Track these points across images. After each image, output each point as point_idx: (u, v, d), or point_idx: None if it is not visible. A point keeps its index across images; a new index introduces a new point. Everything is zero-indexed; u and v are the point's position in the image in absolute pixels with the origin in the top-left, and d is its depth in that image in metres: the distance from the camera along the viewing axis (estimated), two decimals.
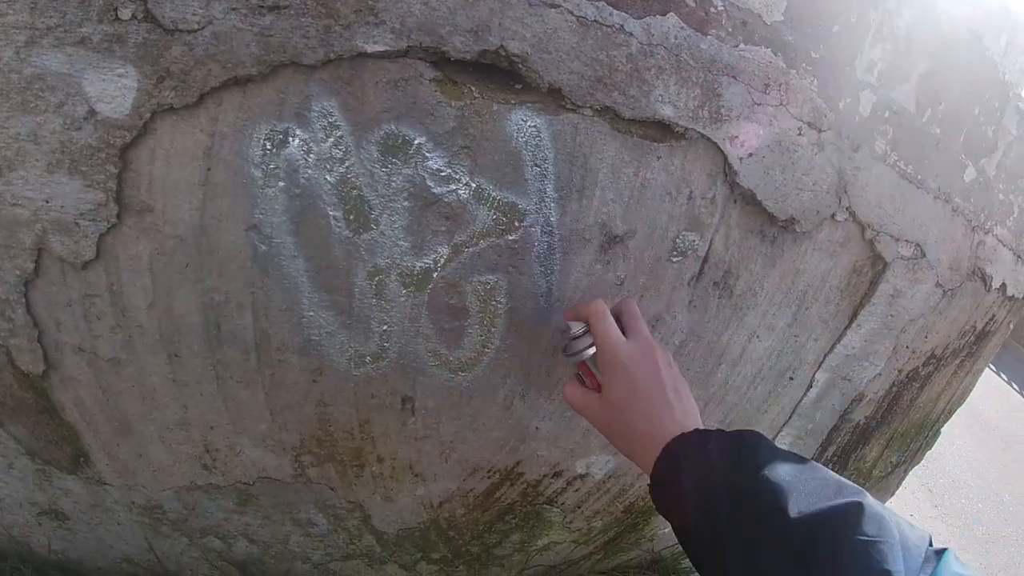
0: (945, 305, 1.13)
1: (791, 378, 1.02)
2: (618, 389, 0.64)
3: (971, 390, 1.63)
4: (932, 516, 3.92)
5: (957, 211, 0.97)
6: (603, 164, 0.67)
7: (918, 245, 0.96)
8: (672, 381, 0.65)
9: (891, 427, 1.36)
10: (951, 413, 1.63)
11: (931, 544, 0.46)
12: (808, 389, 1.06)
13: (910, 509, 3.80)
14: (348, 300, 0.71)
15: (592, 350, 0.67)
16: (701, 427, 0.61)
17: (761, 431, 1.10)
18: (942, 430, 1.69)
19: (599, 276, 0.74)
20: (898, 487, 1.85)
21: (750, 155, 0.73)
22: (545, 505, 0.92)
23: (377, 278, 0.70)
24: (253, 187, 0.65)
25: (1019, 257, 1.25)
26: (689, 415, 0.64)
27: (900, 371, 1.21)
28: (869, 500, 0.48)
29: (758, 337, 0.91)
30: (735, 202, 0.77)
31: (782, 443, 1.15)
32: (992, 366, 7.18)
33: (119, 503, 0.93)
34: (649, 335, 0.66)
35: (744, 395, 0.98)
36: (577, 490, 0.93)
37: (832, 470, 0.54)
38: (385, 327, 0.73)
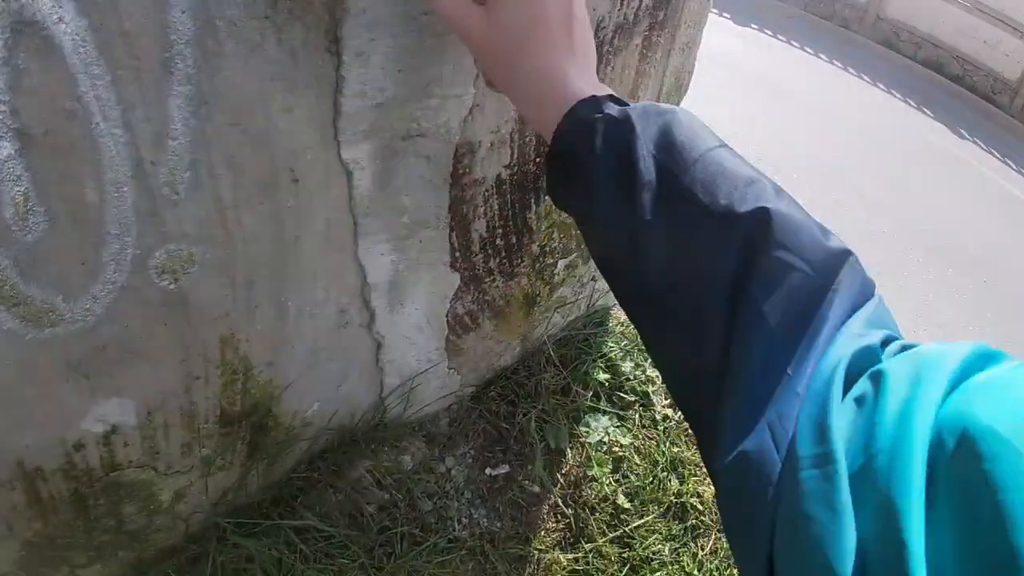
0: None
1: (295, 180, 0.79)
2: (516, 7, 0.50)
3: (689, 72, 1.31)
4: None
5: None
6: None
7: None
8: (583, 18, 0.54)
9: None
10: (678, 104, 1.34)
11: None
12: (349, 179, 0.83)
13: None
14: None
15: None
16: (609, 90, 0.51)
17: (316, 269, 0.90)
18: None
19: None
20: None
21: None
22: (111, 475, 0.84)
23: None
24: None
25: None
26: (593, 67, 0.54)
27: None
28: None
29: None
30: None
31: (378, 256, 0.97)
32: (773, 34, 6.53)
33: None
34: None
35: (250, 241, 0.78)
36: (126, 444, 0.83)
37: (520, 240, 0.47)
38: None
